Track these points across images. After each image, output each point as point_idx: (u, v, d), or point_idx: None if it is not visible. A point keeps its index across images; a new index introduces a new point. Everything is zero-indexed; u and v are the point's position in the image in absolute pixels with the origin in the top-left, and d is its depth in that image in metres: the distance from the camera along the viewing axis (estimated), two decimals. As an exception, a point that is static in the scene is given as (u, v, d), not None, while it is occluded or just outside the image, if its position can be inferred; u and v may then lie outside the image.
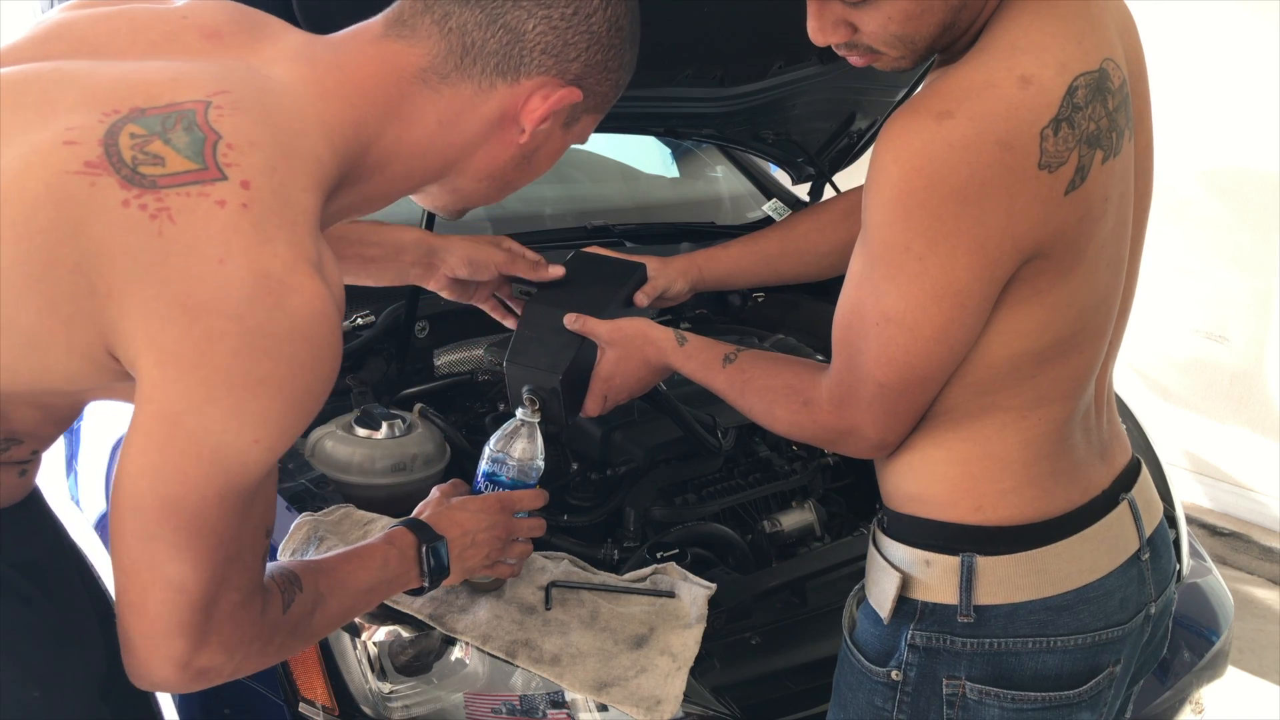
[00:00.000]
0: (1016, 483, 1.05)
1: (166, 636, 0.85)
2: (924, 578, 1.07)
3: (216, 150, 0.82)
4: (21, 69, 0.90)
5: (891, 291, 0.96)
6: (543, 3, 0.95)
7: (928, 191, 0.91)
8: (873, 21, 0.97)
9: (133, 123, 0.82)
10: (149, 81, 0.86)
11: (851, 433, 1.04)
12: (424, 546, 1.15)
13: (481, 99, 0.97)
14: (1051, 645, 1.05)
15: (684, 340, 1.26)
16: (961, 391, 1.03)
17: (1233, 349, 3.65)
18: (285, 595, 0.97)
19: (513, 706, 1.29)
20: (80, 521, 1.60)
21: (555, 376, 1.27)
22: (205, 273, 0.79)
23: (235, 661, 0.91)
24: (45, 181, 0.80)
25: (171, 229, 0.79)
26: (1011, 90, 0.91)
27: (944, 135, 0.90)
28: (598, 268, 1.44)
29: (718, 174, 2.88)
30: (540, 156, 1.06)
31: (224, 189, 0.80)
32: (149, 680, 0.89)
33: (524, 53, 0.95)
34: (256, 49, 0.95)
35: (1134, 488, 1.14)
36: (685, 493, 1.71)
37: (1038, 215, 0.93)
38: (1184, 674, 1.75)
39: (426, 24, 0.95)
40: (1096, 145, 0.94)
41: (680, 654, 1.32)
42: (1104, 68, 0.96)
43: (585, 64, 0.99)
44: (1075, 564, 1.06)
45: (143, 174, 0.80)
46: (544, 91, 0.97)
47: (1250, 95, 3.41)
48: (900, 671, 1.08)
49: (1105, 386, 1.14)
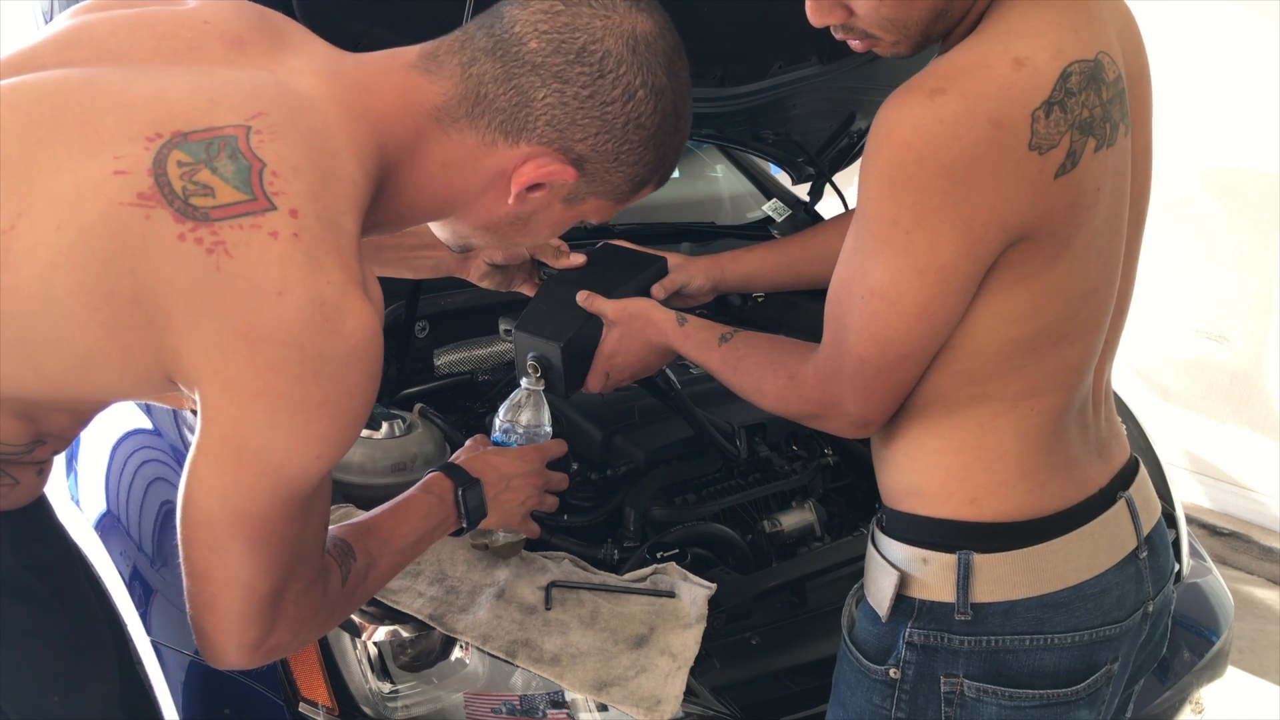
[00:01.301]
0: (1010, 475, 1.05)
1: (239, 629, 0.90)
2: (921, 576, 1.07)
3: (263, 179, 0.83)
4: (50, 78, 0.90)
5: (878, 265, 0.97)
6: (560, 76, 0.93)
7: (917, 166, 0.92)
8: (866, 3, 0.99)
9: (177, 149, 0.84)
10: (185, 103, 0.87)
11: (834, 406, 1.05)
12: (459, 489, 1.19)
13: (483, 152, 0.96)
14: (1049, 643, 1.05)
15: (684, 321, 1.28)
16: (951, 380, 1.03)
17: (1233, 349, 3.65)
18: (343, 568, 1.01)
19: (513, 706, 1.29)
20: (80, 521, 1.60)
21: (557, 345, 1.30)
22: (265, 305, 0.81)
23: (300, 637, 0.96)
24: (100, 212, 0.81)
25: (229, 264, 0.81)
26: (1005, 70, 0.92)
27: (936, 111, 0.91)
28: (619, 258, 1.48)
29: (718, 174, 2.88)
30: (537, 223, 1.05)
31: (275, 220, 0.82)
32: (224, 663, 0.93)
33: (529, 118, 0.94)
34: (280, 58, 0.95)
35: (1132, 486, 1.14)
36: (685, 493, 1.71)
37: (1026, 196, 0.93)
38: (1184, 674, 1.75)
39: (453, 65, 0.95)
40: (1089, 132, 0.95)
41: (680, 654, 1.32)
42: (1099, 59, 0.97)
43: (592, 149, 0.97)
44: (1072, 561, 1.06)
45: (195, 205, 0.82)
46: (539, 161, 0.96)
47: (1250, 95, 3.41)
48: (898, 669, 1.09)
49: (1102, 384, 1.14)
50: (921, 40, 1.02)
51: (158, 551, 1.48)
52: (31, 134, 0.85)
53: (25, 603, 1.05)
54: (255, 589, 0.89)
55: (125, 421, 1.60)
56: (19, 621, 1.04)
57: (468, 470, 1.23)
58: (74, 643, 1.10)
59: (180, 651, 1.39)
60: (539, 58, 0.93)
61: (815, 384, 1.06)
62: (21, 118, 0.86)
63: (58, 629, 1.08)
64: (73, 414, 0.99)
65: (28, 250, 0.82)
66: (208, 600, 0.89)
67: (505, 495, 1.26)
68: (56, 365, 0.86)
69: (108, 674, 1.14)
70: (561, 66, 0.93)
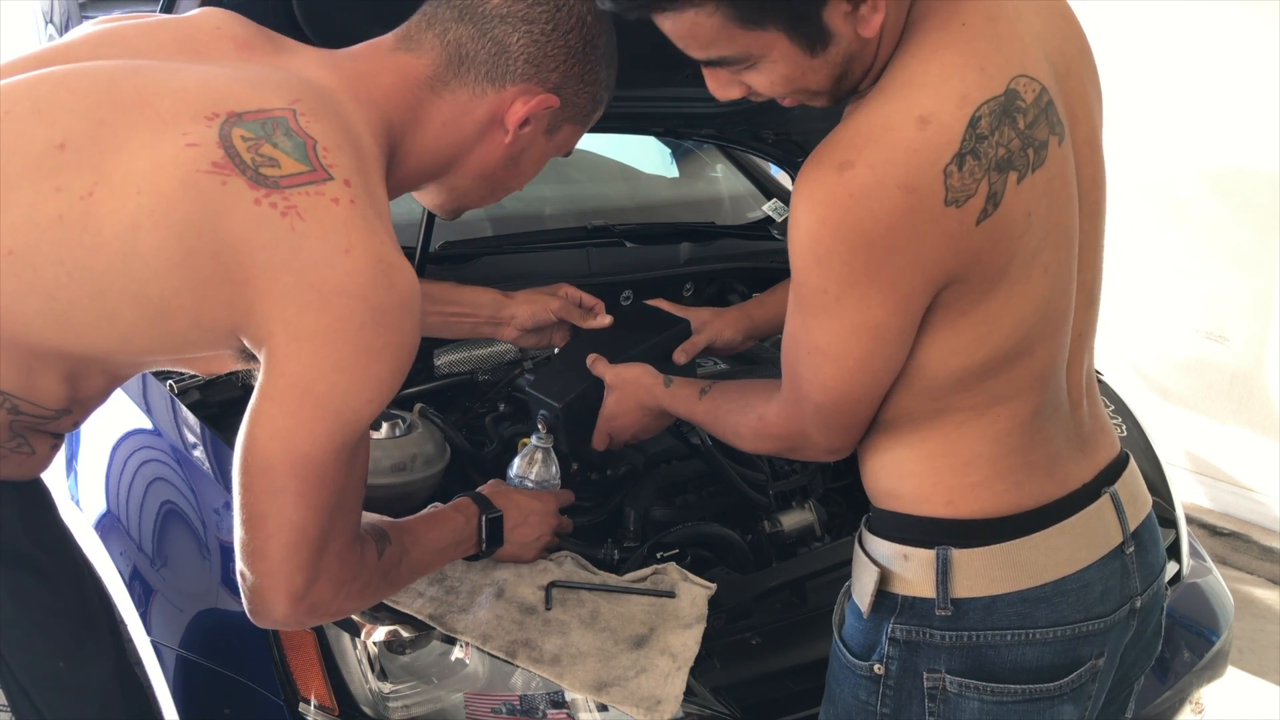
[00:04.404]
0: (984, 476, 1.06)
1: (287, 575, 0.98)
2: (902, 572, 1.09)
3: (318, 153, 0.96)
4: (98, 65, 1.01)
5: (815, 327, 1.00)
6: (525, 19, 1.09)
7: (835, 240, 0.94)
8: (760, 82, 1.00)
9: (238, 126, 0.95)
10: (231, 89, 0.99)
11: (802, 439, 1.10)
12: (483, 516, 1.31)
13: (475, 103, 1.11)
14: (1030, 637, 1.06)
15: (670, 382, 1.36)
16: (913, 398, 1.05)
17: (1233, 349, 3.65)
18: (378, 545, 1.12)
19: (513, 706, 1.29)
20: (80, 521, 1.60)
21: (557, 405, 1.41)
22: (336, 262, 0.93)
23: (340, 599, 1.04)
24: (180, 179, 0.92)
25: (302, 225, 0.92)
26: (910, 132, 0.92)
27: (845, 186, 0.92)
28: (646, 318, 1.57)
29: (718, 174, 2.88)
30: (526, 160, 1.19)
31: (334, 188, 0.95)
32: (268, 616, 1.01)
33: (509, 62, 1.10)
34: (284, 59, 1.07)
35: (1118, 482, 1.14)
36: (685, 493, 1.71)
37: (949, 249, 0.94)
38: (1184, 674, 1.75)
39: (429, 38, 1.10)
40: (1009, 169, 0.94)
41: (680, 654, 1.32)
42: (1012, 88, 0.95)
43: (563, 74, 1.12)
44: (1051, 556, 1.06)
45: (264, 175, 0.93)
46: (525, 97, 1.11)
47: (1250, 95, 3.41)
48: (882, 665, 1.10)
49: (1081, 380, 1.13)
50: (835, 99, 1.03)
51: (158, 551, 1.48)
52: (93, 113, 0.95)
53: (33, 574, 1.13)
54: (305, 532, 0.97)
55: (125, 421, 1.60)
56: (30, 592, 1.13)
57: (491, 501, 1.35)
58: (76, 616, 1.19)
59: (180, 651, 1.39)
60: (504, 9, 1.09)
61: (781, 423, 1.11)
62: (81, 99, 0.96)
63: (61, 602, 1.16)
64: (110, 376, 1.08)
65: (110, 213, 0.92)
66: (259, 547, 0.97)
67: (522, 530, 1.37)
68: (132, 316, 0.95)
69: (106, 648, 1.22)
70: (525, 10, 1.09)
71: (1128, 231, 3.81)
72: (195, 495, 1.46)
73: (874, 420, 1.08)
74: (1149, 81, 3.64)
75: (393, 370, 0.97)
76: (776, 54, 0.96)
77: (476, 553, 1.32)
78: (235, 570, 1.01)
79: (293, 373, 0.94)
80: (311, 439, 0.95)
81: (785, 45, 0.95)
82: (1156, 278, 3.77)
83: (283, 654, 1.28)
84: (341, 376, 0.94)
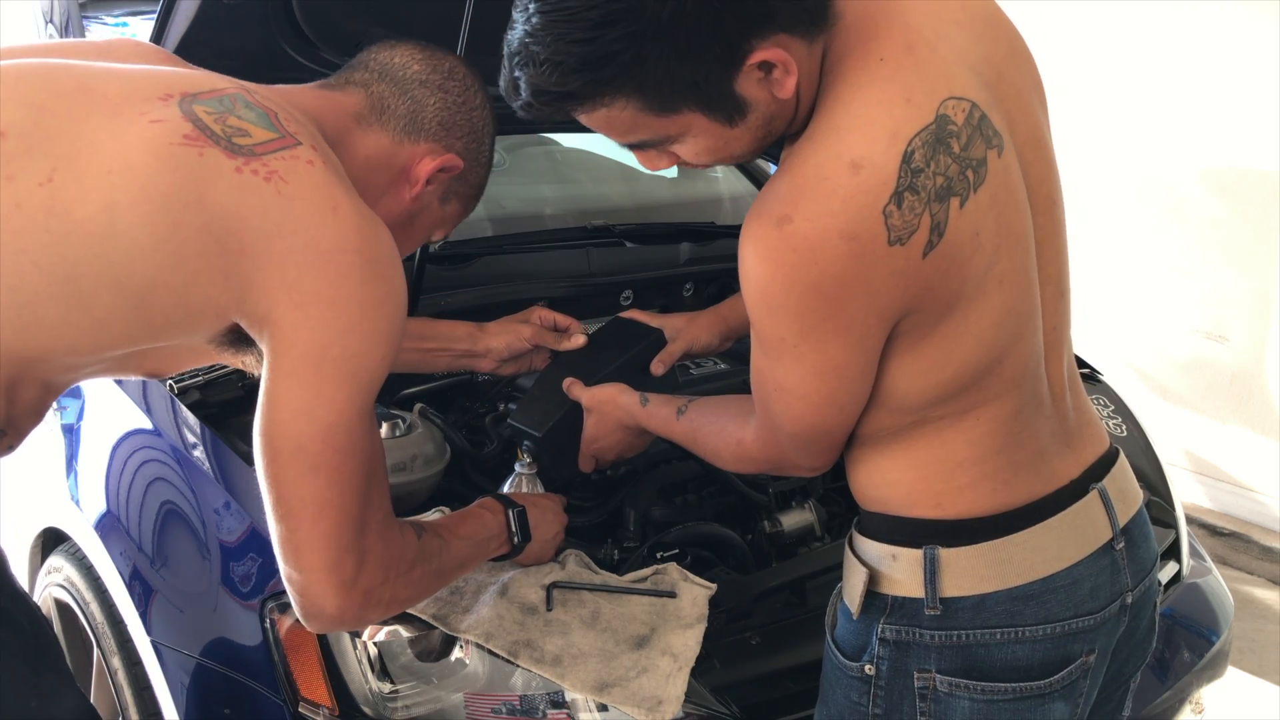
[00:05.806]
0: (971, 478, 1.06)
1: (335, 561, 0.97)
2: (891, 572, 1.09)
3: (280, 120, 0.98)
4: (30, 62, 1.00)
5: (778, 368, 1.02)
6: (443, 88, 1.18)
7: (786, 294, 0.95)
8: (686, 154, 1.01)
9: (197, 103, 0.96)
10: (175, 76, 0.99)
11: (783, 460, 1.12)
12: (510, 513, 1.31)
13: (394, 150, 1.16)
14: (1020, 635, 1.06)
15: (646, 401, 1.36)
16: (889, 415, 1.06)
17: (1233, 349, 3.64)
18: (415, 529, 1.12)
19: (513, 707, 1.29)
20: (80, 521, 1.60)
21: (537, 434, 1.42)
22: (326, 220, 0.94)
23: (391, 584, 1.03)
24: (153, 153, 0.91)
25: (287, 188, 0.94)
26: (844, 179, 0.91)
27: (787, 241, 0.92)
28: (621, 333, 1.56)
29: (718, 174, 2.88)
30: (419, 223, 1.24)
31: (304, 152, 0.97)
32: (322, 613, 0.99)
33: (425, 120, 1.17)
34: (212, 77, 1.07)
35: (1106, 477, 1.13)
36: (685, 493, 1.71)
37: (898, 286, 0.94)
38: (1184, 674, 1.75)
39: (353, 87, 1.16)
40: (949, 195, 0.94)
41: (681, 654, 1.32)
42: (941, 114, 0.94)
43: (465, 145, 1.21)
44: (1039, 553, 1.06)
45: (238, 144, 0.94)
46: (434, 155, 1.18)
47: (1250, 95, 3.41)
48: (873, 665, 1.10)
49: (1062, 373, 1.13)
50: (762, 152, 1.03)
51: (158, 551, 1.48)
52: (31, 100, 0.94)
53: None
54: (345, 510, 0.96)
55: (125, 421, 1.60)
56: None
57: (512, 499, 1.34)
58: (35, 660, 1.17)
59: (180, 651, 1.39)
60: (423, 75, 1.17)
61: (759, 447, 1.13)
62: (12, 90, 0.95)
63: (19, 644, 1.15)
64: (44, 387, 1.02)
65: (78, 196, 0.89)
66: (302, 540, 0.96)
67: (542, 526, 1.37)
68: (110, 300, 0.92)
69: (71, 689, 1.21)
70: (441, 80, 1.18)
71: (1128, 231, 3.81)
72: (195, 495, 1.46)
73: (855, 435, 1.09)
74: (1149, 81, 3.64)
75: (394, 323, 0.98)
76: (697, 129, 0.97)
77: (508, 550, 1.31)
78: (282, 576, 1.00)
79: (305, 341, 0.94)
80: (335, 407, 0.94)
81: (703, 122, 0.96)
82: (1156, 277, 3.77)
83: (283, 654, 1.28)
84: (353, 337, 0.95)
